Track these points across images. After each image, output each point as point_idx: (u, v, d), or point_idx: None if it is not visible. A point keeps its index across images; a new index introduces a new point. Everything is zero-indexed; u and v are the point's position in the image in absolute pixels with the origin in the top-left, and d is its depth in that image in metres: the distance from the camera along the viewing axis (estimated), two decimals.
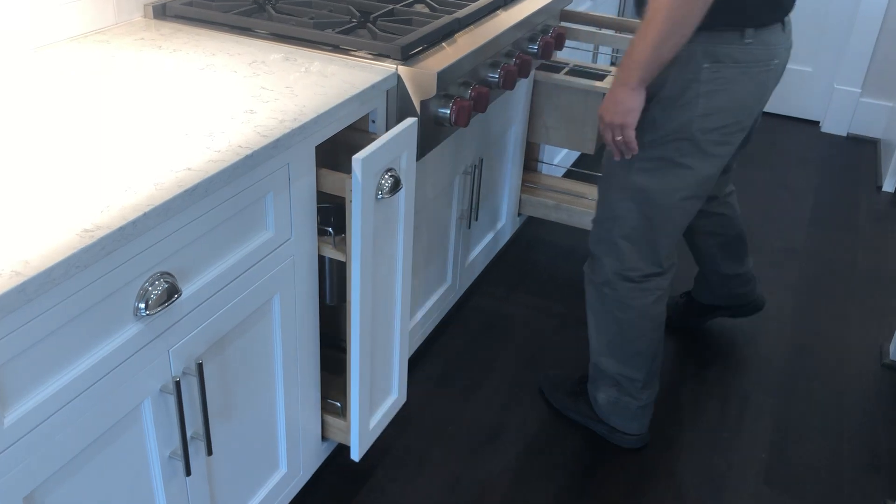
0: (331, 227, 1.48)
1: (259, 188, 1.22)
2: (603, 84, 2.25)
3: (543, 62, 2.35)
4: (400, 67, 1.52)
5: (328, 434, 1.66)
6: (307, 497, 1.72)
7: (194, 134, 1.19)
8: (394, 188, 1.43)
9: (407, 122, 1.45)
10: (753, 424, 2.01)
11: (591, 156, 2.93)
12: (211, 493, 1.33)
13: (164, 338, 1.11)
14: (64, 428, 0.98)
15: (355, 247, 1.40)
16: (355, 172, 1.33)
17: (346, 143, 1.52)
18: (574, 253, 2.66)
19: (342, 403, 1.66)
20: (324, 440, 1.66)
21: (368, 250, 1.43)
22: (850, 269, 2.66)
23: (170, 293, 1.07)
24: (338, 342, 1.78)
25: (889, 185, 3.18)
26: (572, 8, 2.47)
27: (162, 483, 1.18)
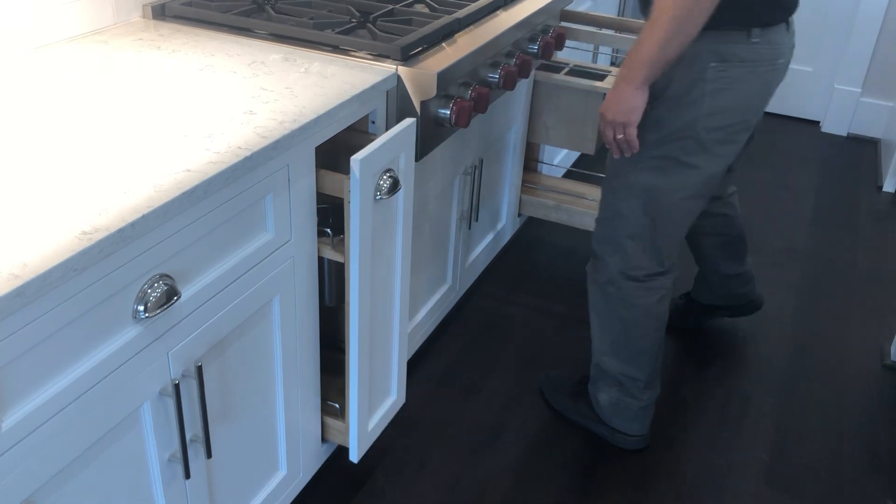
0: (329, 228, 1.47)
1: (259, 189, 1.22)
2: (603, 84, 2.25)
3: (543, 62, 2.35)
4: (400, 68, 1.51)
5: (328, 436, 1.65)
6: (307, 499, 1.71)
7: (193, 135, 1.18)
8: (392, 189, 1.42)
9: (405, 123, 1.44)
10: (754, 425, 2.00)
11: (591, 156, 2.93)
12: (210, 496, 1.32)
13: (164, 340, 1.10)
14: (62, 431, 0.97)
15: (354, 248, 1.40)
16: (353, 173, 1.32)
17: (346, 144, 1.52)
18: (574, 253, 2.65)
19: (341, 405, 1.65)
20: (324, 442, 1.66)
21: (367, 251, 1.42)
22: (851, 270, 2.66)
23: (169, 295, 1.07)
24: (337, 343, 1.78)
25: (889, 186, 3.18)
26: (572, 8, 2.46)
27: (161, 486, 1.18)
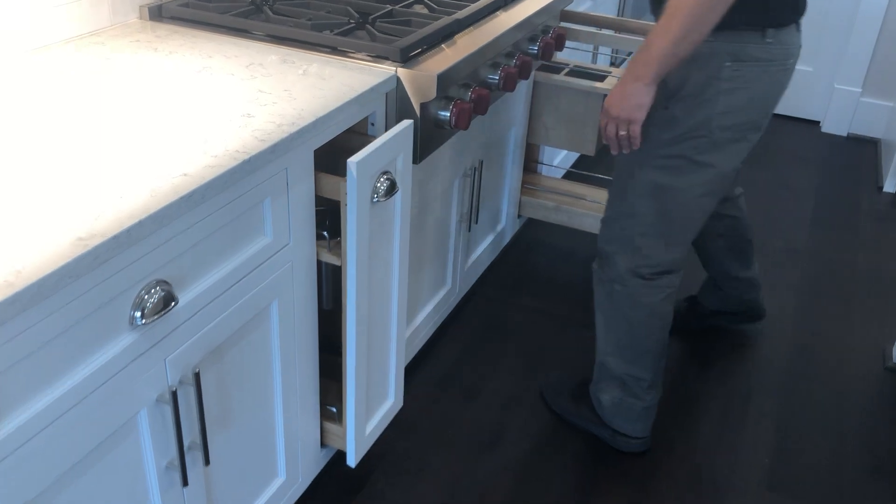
0: (326, 231, 1.46)
1: (257, 193, 1.21)
2: (603, 85, 2.23)
3: (543, 63, 2.33)
4: (399, 69, 1.50)
5: (326, 440, 1.64)
6: None
7: (191, 138, 1.17)
8: (390, 191, 1.41)
9: (403, 125, 1.43)
10: (755, 426, 1.99)
11: (591, 157, 2.91)
12: (209, 503, 1.31)
13: (161, 347, 1.09)
14: (59, 440, 0.96)
15: (350, 251, 1.38)
16: (350, 175, 1.31)
17: (345, 146, 1.50)
18: (574, 255, 2.64)
19: (339, 408, 1.64)
20: (323, 446, 1.64)
21: (364, 254, 1.41)
22: (851, 270, 2.65)
23: (166, 301, 1.06)
24: (334, 346, 1.76)
25: (890, 186, 3.17)
26: (572, 8, 2.45)
27: (159, 494, 1.16)
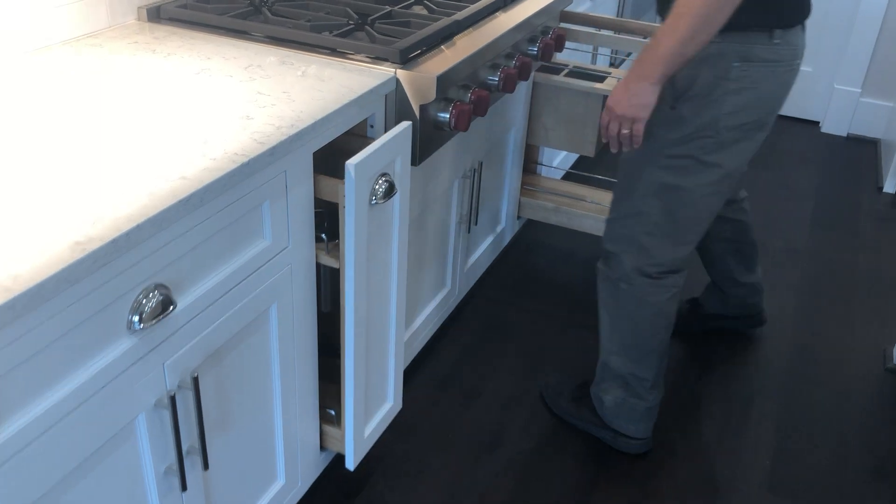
0: (324, 233, 1.45)
1: (256, 196, 1.20)
2: (603, 86, 2.23)
3: (543, 64, 2.32)
4: (399, 71, 1.49)
5: (326, 443, 1.63)
6: None
7: (189, 141, 1.16)
8: (388, 193, 1.40)
9: (401, 126, 1.43)
10: (756, 429, 1.99)
11: (591, 158, 2.91)
12: None
13: (159, 351, 1.08)
14: (56, 445, 0.95)
15: (349, 253, 1.38)
16: (348, 178, 1.30)
17: (344, 148, 1.50)
18: (574, 256, 2.64)
19: (337, 411, 1.63)
20: (322, 449, 1.64)
21: (362, 257, 1.40)
22: (851, 271, 2.64)
23: (164, 305, 1.05)
24: (333, 348, 1.76)
25: (890, 187, 3.16)
26: (571, 9, 2.44)
27: (157, 499, 1.15)
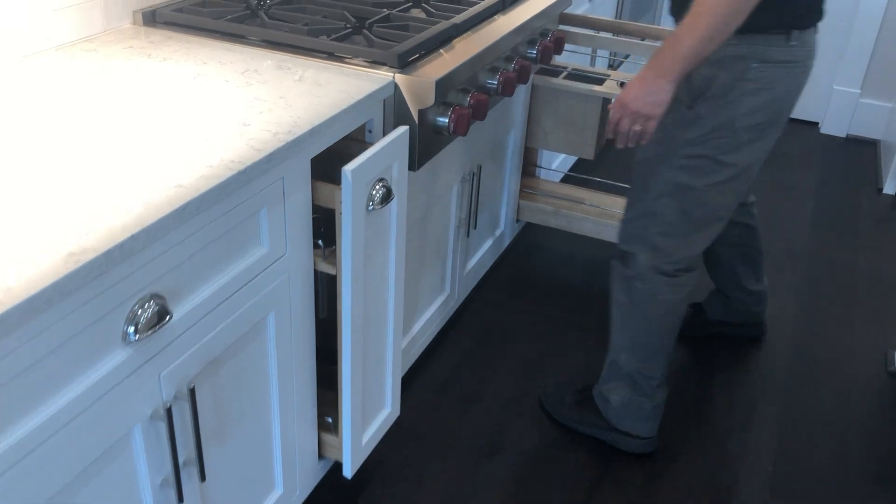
0: (320, 239, 1.44)
1: (253, 204, 1.18)
2: (602, 88, 2.21)
3: (542, 66, 2.31)
4: (397, 75, 1.48)
5: (324, 451, 1.61)
6: None
7: (185, 148, 1.15)
8: (385, 199, 1.39)
9: (398, 131, 1.41)
10: (758, 433, 1.97)
11: (590, 161, 2.89)
12: None
13: (155, 362, 1.06)
14: (50, 459, 0.93)
15: (346, 260, 1.36)
16: (345, 183, 1.29)
17: (342, 153, 1.48)
18: (573, 259, 2.62)
19: (335, 419, 1.62)
20: (320, 458, 1.62)
21: (360, 263, 1.39)
22: (852, 273, 2.63)
23: (160, 316, 1.03)
24: (330, 355, 1.74)
25: (890, 188, 3.15)
26: (570, 11, 2.43)
27: None
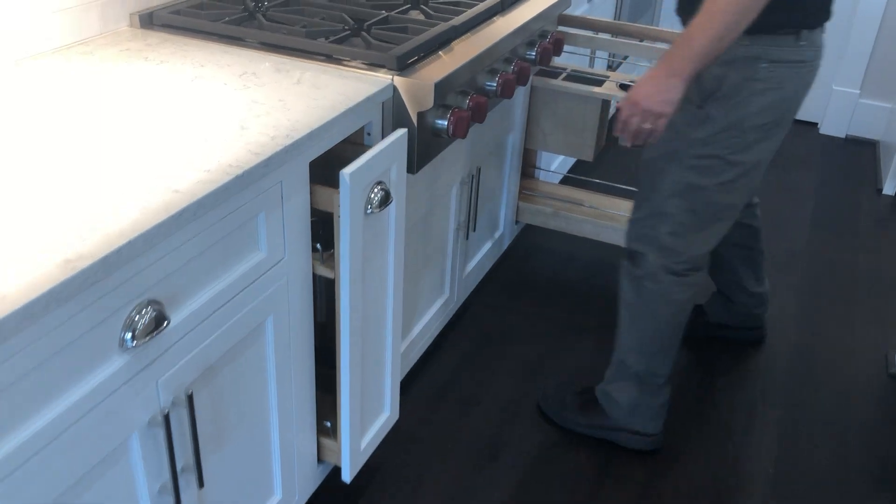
0: (319, 243, 1.43)
1: (251, 208, 1.17)
2: (601, 90, 2.20)
3: (541, 68, 2.30)
4: (396, 78, 1.47)
5: (323, 456, 1.60)
6: None
7: (183, 152, 1.14)
8: (383, 202, 1.38)
9: (396, 134, 1.40)
10: (759, 436, 1.97)
11: (588, 162, 2.88)
12: None
13: (152, 368, 1.05)
14: (47, 468, 0.92)
15: (344, 264, 1.35)
16: (343, 187, 1.28)
17: (340, 155, 1.47)
18: (572, 260, 2.61)
19: (333, 423, 1.61)
20: (319, 462, 1.61)
21: (358, 267, 1.38)
22: (852, 274, 2.62)
23: (158, 322, 1.02)
24: (329, 358, 1.73)
25: (889, 188, 3.15)
26: (569, 12, 2.42)
27: None
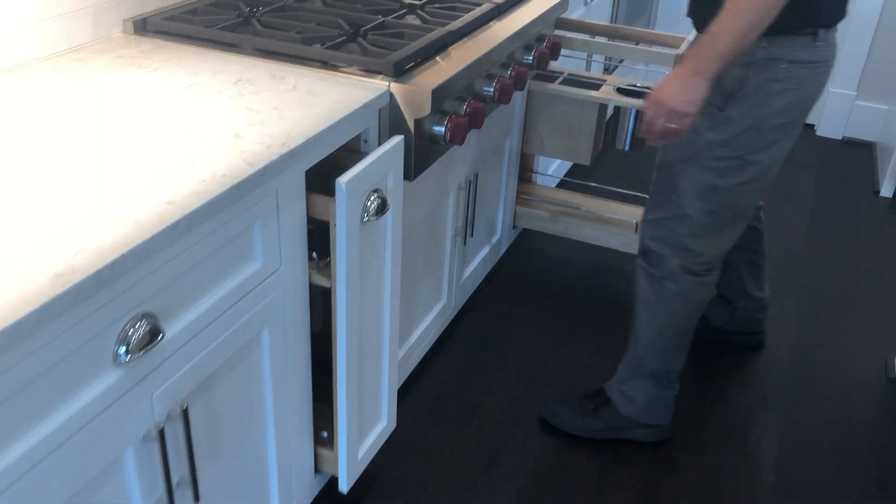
0: (315, 251, 1.41)
1: (246, 218, 1.16)
2: (598, 94, 2.19)
3: (538, 72, 2.29)
4: (392, 84, 1.45)
5: (320, 466, 1.59)
6: None
7: (177, 162, 1.12)
8: (380, 210, 1.37)
9: (393, 141, 1.39)
10: (759, 442, 1.95)
11: (586, 166, 2.87)
12: None
13: (147, 383, 1.04)
14: (41, 484, 0.91)
15: (340, 273, 1.34)
16: (339, 195, 1.26)
17: (336, 163, 1.45)
18: (570, 264, 2.60)
19: (330, 432, 1.59)
20: (316, 472, 1.59)
21: (354, 276, 1.36)
22: (851, 277, 2.61)
23: (152, 335, 1.01)
24: (325, 367, 1.71)
25: (887, 191, 3.14)
26: (565, 16, 2.41)
27: None
